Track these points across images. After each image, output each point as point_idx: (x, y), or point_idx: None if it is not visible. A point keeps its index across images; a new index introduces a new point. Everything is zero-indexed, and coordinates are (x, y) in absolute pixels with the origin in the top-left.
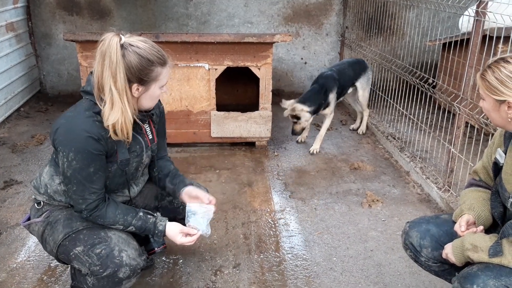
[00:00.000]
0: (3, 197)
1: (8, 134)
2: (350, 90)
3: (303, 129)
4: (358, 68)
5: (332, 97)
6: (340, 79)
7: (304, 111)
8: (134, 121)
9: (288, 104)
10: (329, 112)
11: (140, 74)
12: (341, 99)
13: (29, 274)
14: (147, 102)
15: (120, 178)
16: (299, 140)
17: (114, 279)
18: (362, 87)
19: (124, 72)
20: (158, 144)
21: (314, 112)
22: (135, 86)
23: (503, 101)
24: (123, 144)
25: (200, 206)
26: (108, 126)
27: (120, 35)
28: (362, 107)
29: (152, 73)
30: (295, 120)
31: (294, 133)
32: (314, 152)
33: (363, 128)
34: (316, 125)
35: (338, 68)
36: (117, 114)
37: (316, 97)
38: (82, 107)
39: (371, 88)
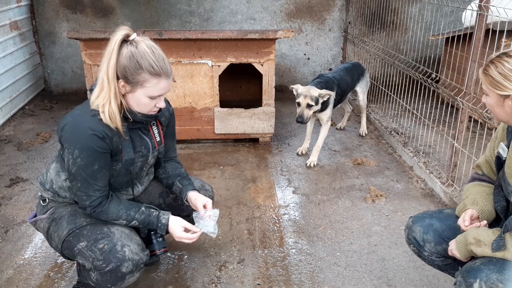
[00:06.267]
0: (9, 194)
1: (13, 132)
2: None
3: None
4: (356, 73)
5: (331, 99)
6: (340, 84)
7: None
8: (141, 122)
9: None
10: (325, 119)
11: (125, 72)
12: (338, 106)
13: (36, 271)
14: (134, 106)
15: (125, 177)
16: (299, 153)
17: (117, 273)
18: (362, 91)
19: (115, 63)
20: (167, 146)
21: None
22: (121, 81)
23: (507, 96)
24: (128, 144)
25: (205, 211)
26: (97, 107)
27: (133, 32)
28: (361, 110)
29: (137, 76)
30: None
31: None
32: (312, 165)
33: (364, 129)
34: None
35: (338, 74)
36: (104, 98)
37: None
38: (88, 105)
39: (374, 84)
